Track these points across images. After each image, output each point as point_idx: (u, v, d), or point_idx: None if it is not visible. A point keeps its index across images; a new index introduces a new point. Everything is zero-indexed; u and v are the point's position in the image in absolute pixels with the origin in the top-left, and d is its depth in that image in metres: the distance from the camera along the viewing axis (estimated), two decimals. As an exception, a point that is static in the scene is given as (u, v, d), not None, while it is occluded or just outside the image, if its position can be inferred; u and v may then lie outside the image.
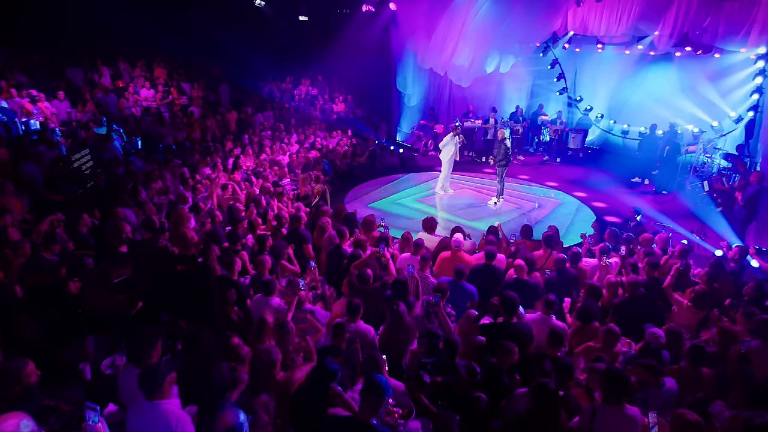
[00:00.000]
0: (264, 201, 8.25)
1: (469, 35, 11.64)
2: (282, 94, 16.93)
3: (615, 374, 3.56)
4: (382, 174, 13.38)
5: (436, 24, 12.28)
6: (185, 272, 4.53)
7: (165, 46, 14.94)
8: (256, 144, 12.08)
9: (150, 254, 4.86)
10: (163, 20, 14.26)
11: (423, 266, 5.98)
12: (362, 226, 7.63)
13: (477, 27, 11.47)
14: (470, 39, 11.72)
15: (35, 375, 3.12)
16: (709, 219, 10.42)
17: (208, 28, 15.07)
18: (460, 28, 11.67)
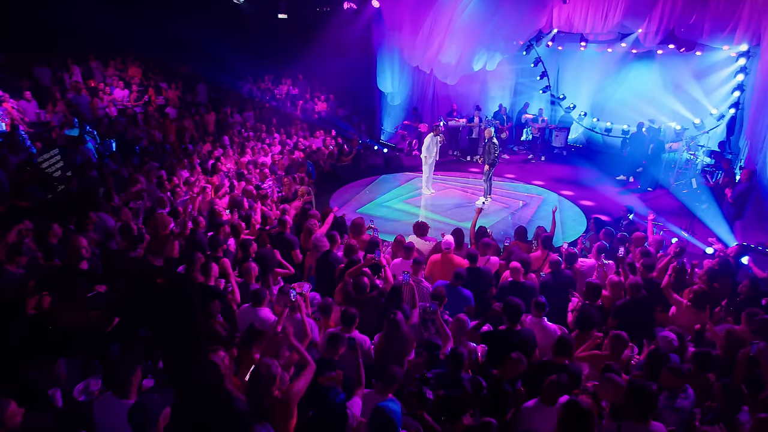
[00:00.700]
0: (246, 204, 7.90)
1: (456, 32, 11.44)
2: (262, 94, 16.52)
3: (641, 389, 3.35)
4: (367, 174, 13.11)
5: (422, 20, 12.05)
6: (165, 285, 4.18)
7: (140, 44, 14.41)
8: (236, 145, 11.69)
9: (126, 266, 4.50)
10: (137, 17, 13.77)
11: (416, 270, 5.74)
12: (351, 229, 7.35)
13: (465, 24, 11.27)
14: (457, 36, 11.52)
15: (19, 415, 2.79)
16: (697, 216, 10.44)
17: (185, 26, 14.57)
18: (447, 25, 11.46)
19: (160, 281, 4.10)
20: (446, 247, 6.37)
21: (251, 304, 5.00)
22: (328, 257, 6.26)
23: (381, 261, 5.55)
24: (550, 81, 16.49)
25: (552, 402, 3.83)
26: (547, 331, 4.96)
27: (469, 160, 15.08)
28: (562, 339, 4.35)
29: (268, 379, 3.22)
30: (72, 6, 12.22)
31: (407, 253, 6.30)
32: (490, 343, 4.56)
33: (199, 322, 4.35)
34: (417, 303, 5.03)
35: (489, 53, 12.12)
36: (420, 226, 7.18)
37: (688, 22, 9.54)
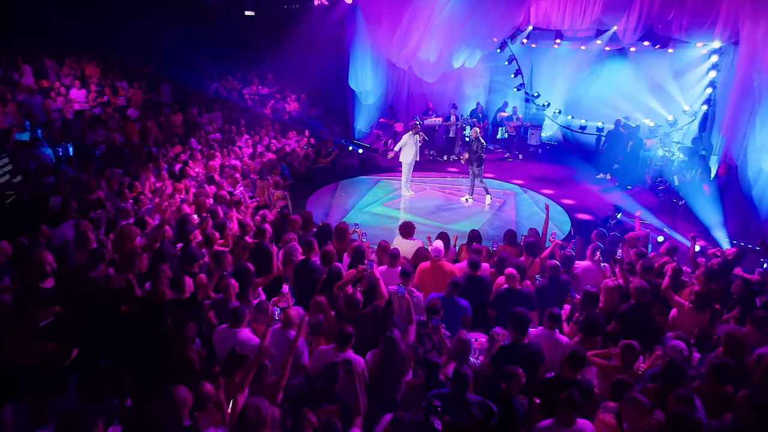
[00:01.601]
0: (221, 211, 7.35)
1: (436, 28, 11.12)
2: (230, 94, 15.84)
3: (685, 420, 3.06)
4: (342, 176, 12.65)
5: (401, 16, 11.68)
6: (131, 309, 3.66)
7: (97, 41, 13.56)
8: (205, 148, 11.06)
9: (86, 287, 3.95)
10: (94, 12, 12.92)
11: (405, 281, 5.34)
12: (335, 235, 6.91)
13: (445, 20, 10.97)
14: (438, 32, 11.20)
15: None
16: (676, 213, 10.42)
17: (146, 23, 13.81)
18: (427, 21, 11.13)
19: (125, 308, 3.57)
20: (436, 254, 6.01)
21: (229, 325, 4.52)
22: (307, 266, 5.82)
23: (374, 273, 5.13)
24: (524, 79, 16.43)
25: (569, 423, 3.53)
26: (558, 345, 4.66)
27: (445, 159, 14.82)
28: (575, 353, 4.04)
29: (257, 422, 2.77)
30: (22, 0, 11.37)
31: (392, 260, 5.91)
32: (497, 358, 4.22)
33: (171, 349, 3.86)
34: (413, 318, 4.64)
35: (469, 50, 11.84)
36: (406, 226, 6.82)
37: (666, 18, 9.49)
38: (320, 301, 4.95)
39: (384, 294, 5.03)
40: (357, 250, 6.13)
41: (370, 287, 5.07)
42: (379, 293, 5.03)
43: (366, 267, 5.12)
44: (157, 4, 14.64)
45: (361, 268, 5.16)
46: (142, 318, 3.63)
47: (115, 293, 3.97)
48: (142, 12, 14.23)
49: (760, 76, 8.31)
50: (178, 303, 4.47)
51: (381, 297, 5.02)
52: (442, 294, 5.27)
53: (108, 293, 4.01)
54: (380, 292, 5.05)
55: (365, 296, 5.02)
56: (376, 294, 5.10)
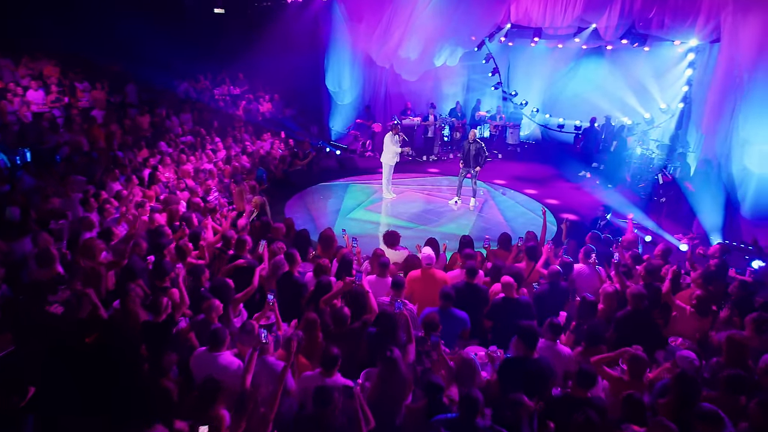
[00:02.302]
0: (195, 219, 6.88)
1: (418, 25, 10.80)
2: (200, 94, 15.21)
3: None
4: (320, 179, 12.24)
5: (381, 13, 11.31)
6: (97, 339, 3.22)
7: (57, 39, 12.78)
8: (175, 151, 10.49)
9: (42, 318, 3.47)
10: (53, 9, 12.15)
11: (397, 293, 5.00)
12: (320, 243, 6.53)
13: (427, 16, 10.66)
14: (420, 30, 10.89)
15: None
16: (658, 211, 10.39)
17: (110, 19, 13.11)
18: (408, 18, 10.80)
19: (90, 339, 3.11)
20: (427, 262, 5.69)
21: (209, 348, 4.10)
22: (291, 279, 5.43)
23: (363, 285, 4.78)
24: (501, 77, 16.31)
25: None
26: (560, 357, 4.40)
27: (424, 159, 14.56)
28: (585, 371, 3.78)
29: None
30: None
31: (382, 269, 5.57)
32: (504, 375, 3.93)
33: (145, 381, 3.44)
34: (413, 336, 4.30)
35: (451, 48, 11.57)
36: (390, 236, 6.48)
37: (647, 16, 9.42)
38: (311, 318, 4.57)
39: (374, 308, 4.69)
40: (344, 259, 5.78)
41: (357, 300, 4.71)
42: (368, 307, 4.68)
43: (354, 278, 4.76)
44: (124, 2, 13.94)
45: (349, 279, 4.80)
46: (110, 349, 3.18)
47: (78, 322, 3.49)
48: (105, 8, 13.52)
49: (742, 72, 8.27)
50: (154, 327, 4.03)
51: (370, 311, 4.67)
52: (436, 308, 4.94)
53: (69, 322, 3.54)
54: (369, 305, 4.70)
55: (352, 310, 4.66)
56: (365, 308, 4.75)
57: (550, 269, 5.54)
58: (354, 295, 4.72)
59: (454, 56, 12.12)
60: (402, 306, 4.38)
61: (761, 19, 7.88)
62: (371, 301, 4.74)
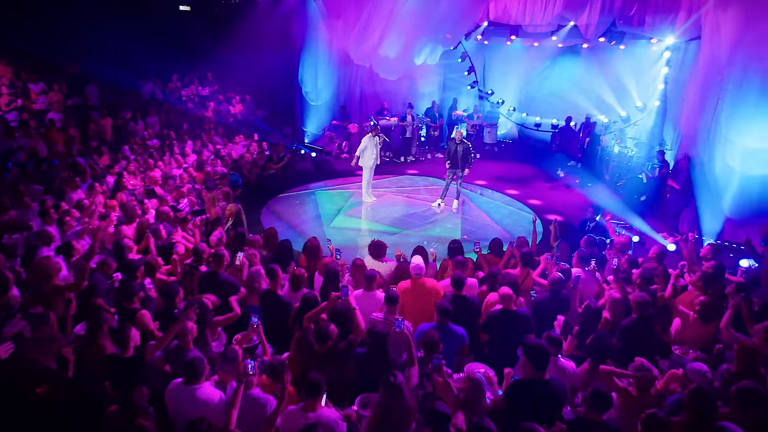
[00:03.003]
0: (164, 231, 6.36)
1: (399, 23, 10.44)
2: (167, 95, 14.51)
3: None
4: (296, 183, 11.76)
5: (360, 9, 10.90)
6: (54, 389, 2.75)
7: (8, 37, 11.93)
8: (141, 157, 9.87)
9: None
10: (2, 3, 11.32)
11: (391, 309, 4.64)
12: (305, 253, 6.11)
13: (408, 14, 10.32)
14: (400, 27, 10.53)
15: None
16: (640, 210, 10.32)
17: (67, 17, 12.31)
18: (389, 14, 10.44)
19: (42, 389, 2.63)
20: (417, 272, 5.34)
21: (185, 381, 3.66)
22: (274, 297, 5.01)
23: (350, 302, 4.41)
24: (477, 76, 16.16)
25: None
26: (565, 373, 4.12)
27: (402, 161, 14.24)
28: (599, 393, 3.49)
29: None
30: None
31: (369, 283, 5.20)
32: (513, 398, 3.62)
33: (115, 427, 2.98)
34: (415, 357, 3.95)
35: (431, 46, 11.27)
36: (376, 247, 6.10)
37: (628, 13, 9.31)
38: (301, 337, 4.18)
39: (361, 327, 4.32)
40: (330, 271, 5.39)
41: (343, 319, 4.33)
42: (354, 326, 4.31)
43: (340, 294, 4.39)
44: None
45: (335, 295, 4.41)
46: (70, 398, 2.71)
47: (32, 371, 2.98)
48: (62, 4, 12.70)
49: (723, 69, 8.22)
50: (121, 363, 3.57)
51: (357, 330, 4.30)
52: (432, 324, 4.61)
53: (18, 370, 3.03)
54: (356, 324, 4.32)
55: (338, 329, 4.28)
56: (350, 326, 4.38)
57: (551, 277, 5.28)
58: (339, 313, 4.32)
59: (435, 54, 11.84)
60: (402, 324, 4.01)
61: (742, 15, 7.83)
62: (358, 319, 4.36)
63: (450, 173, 10.14)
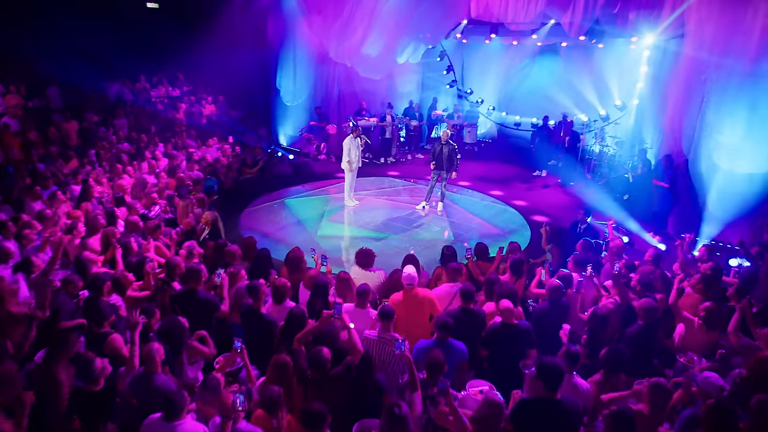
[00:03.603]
0: (135, 243, 5.89)
1: (383, 20, 10.10)
2: (136, 96, 13.85)
3: None
4: (275, 187, 11.30)
5: (341, 6, 10.50)
6: None
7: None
8: (108, 162, 9.29)
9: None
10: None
11: (386, 326, 4.31)
12: (286, 264, 5.73)
13: (391, 11, 9.98)
14: (384, 25, 10.19)
15: None
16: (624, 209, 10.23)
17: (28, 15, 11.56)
18: (372, 11, 10.08)
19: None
20: (409, 283, 5.02)
21: (163, 416, 3.27)
22: (257, 315, 4.61)
23: (344, 320, 4.06)
24: (456, 75, 15.98)
25: None
26: (579, 392, 3.87)
27: (382, 162, 13.93)
28: (623, 415, 3.24)
29: None
30: None
31: (361, 298, 4.85)
32: (524, 419, 3.34)
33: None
34: (418, 382, 3.63)
35: (414, 44, 10.97)
36: (365, 255, 5.75)
37: (611, 11, 9.20)
38: (283, 362, 3.81)
39: (358, 347, 3.98)
40: (318, 285, 5.03)
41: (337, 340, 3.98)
42: (351, 347, 3.96)
43: (333, 312, 4.03)
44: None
45: (327, 313, 4.06)
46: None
47: None
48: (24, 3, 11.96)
49: (709, 67, 8.16)
50: (87, 397, 3.16)
51: (354, 352, 3.96)
52: (431, 340, 4.30)
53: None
54: (353, 345, 3.98)
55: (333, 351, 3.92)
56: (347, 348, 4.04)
57: (550, 284, 5.03)
58: (333, 334, 3.97)
59: (417, 53, 11.56)
60: (403, 346, 3.69)
61: (726, 12, 7.76)
62: (354, 339, 4.02)
63: (434, 175, 9.86)
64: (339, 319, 4.04)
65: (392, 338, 4.18)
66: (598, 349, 4.73)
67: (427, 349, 4.05)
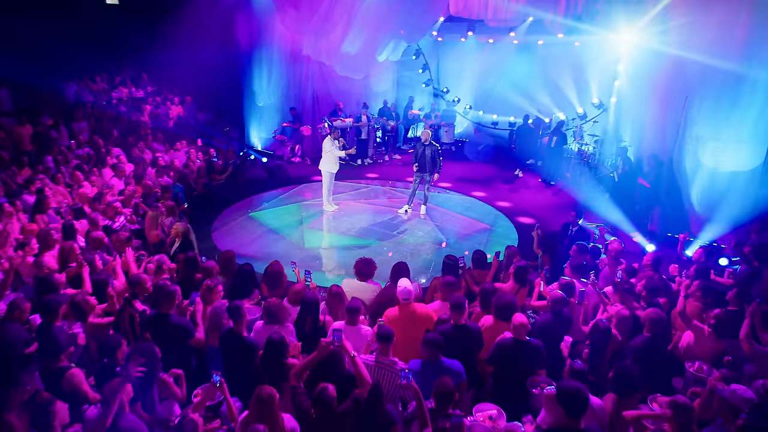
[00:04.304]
0: (99, 261, 5.32)
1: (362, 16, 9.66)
2: (96, 98, 13.05)
3: None
4: (249, 192, 10.74)
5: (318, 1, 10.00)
6: None
7: None
8: (68, 169, 8.61)
9: None
10: None
11: (384, 348, 3.91)
12: (265, 280, 5.27)
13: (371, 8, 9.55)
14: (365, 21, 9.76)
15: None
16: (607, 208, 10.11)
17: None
18: (351, 7, 9.63)
19: None
20: (405, 297, 4.65)
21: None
22: (238, 340, 4.16)
23: (346, 348, 3.64)
24: (432, 74, 15.71)
25: None
26: (594, 412, 3.55)
27: (359, 163, 13.51)
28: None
29: None
30: None
31: (352, 316, 4.45)
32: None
33: None
34: (427, 416, 3.23)
35: (396, 41, 10.58)
36: (365, 265, 5.36)
37: (594, 7, 9.02)
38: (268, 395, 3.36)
39: (366, 379, 3.56)
40: (307, 301, 4.60)
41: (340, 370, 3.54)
42: (358, 378, 3.54)
43: (333, 339, 3.61)
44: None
45: (325, 341, 3.63)
46: None
47: None
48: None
49: (693, 64, 8.05)
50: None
51: (362, 384, 3.54)
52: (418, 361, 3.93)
53: None
54: (361, 376, 3.56)
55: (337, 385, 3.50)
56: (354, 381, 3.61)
57: (552, 295, 4.72)
58: (336, 365, 3.53)
59: (397, 51, 11.19)
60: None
61: (711, 10, 7.65)
62: (362, 369, 3.59)
63: (417, 177, 9.52)
64: (340, 347, 3.60)
65: (391, 363, 3.80)
66: (600, 363, 4.49)
67: (417, 372, 3.66)
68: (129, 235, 6.09)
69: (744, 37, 7.49)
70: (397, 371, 3.73)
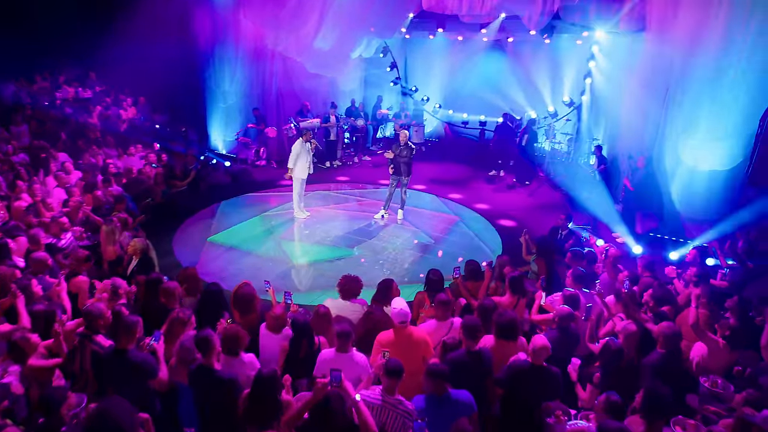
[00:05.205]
0: (39, 287, 4.57)
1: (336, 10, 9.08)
2: (36, 99, 11.94)
3: None
4: (212, 199, 9.97)
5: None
6: None
7: None
8: (6, 177, 7.66)
9: None
10: None
11: (392, 388, 3.38)
12: (235, 306, 4.66)
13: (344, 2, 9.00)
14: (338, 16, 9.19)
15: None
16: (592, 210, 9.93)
17: None
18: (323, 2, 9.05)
19: None
20: (402, 320, 4.16)
21: None
22: (210, 375, 3.57)
23: (347, 390, 3.11)
24: (400, 72, 15.28)
25: None
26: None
27: (328, 166, 12.94)
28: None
29: None
30: None
31: (342, 342, 3.93)
32: None
33: None
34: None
35: (369, 38, 10.06)
36: (352, 283, 4.85)
37: (572, 3, 8.80)
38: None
39: (372, 427, 3.03)
40: (298, 325, 4.09)
41: (339, 417, 3.00)
42: (362, 428, 3.01)
43: (331, 380, 3.07)
44: None
45: (321, 382, 3.08)
46: None
47: None
48: None
49: (673, 62, 7.93)
50: None
51: (365, 428, 3.02)
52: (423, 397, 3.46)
53: None
54: (365, 424, 3.02)
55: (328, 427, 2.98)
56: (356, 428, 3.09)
57: (558, 310, 4.35)
58: (335, 409, 2.99)
59: (370, 48, 10.68)
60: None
61: (693, 6, 7.52)
62: (365, 416, 3.07)
63: (393, 180, 9.05)
64: (338, 389, 3.06)
65: (397, 402, 3.29)
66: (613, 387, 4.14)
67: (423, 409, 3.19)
68: (88, 253, 5.34)
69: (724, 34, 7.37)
70: (402, 413, 3.23)
